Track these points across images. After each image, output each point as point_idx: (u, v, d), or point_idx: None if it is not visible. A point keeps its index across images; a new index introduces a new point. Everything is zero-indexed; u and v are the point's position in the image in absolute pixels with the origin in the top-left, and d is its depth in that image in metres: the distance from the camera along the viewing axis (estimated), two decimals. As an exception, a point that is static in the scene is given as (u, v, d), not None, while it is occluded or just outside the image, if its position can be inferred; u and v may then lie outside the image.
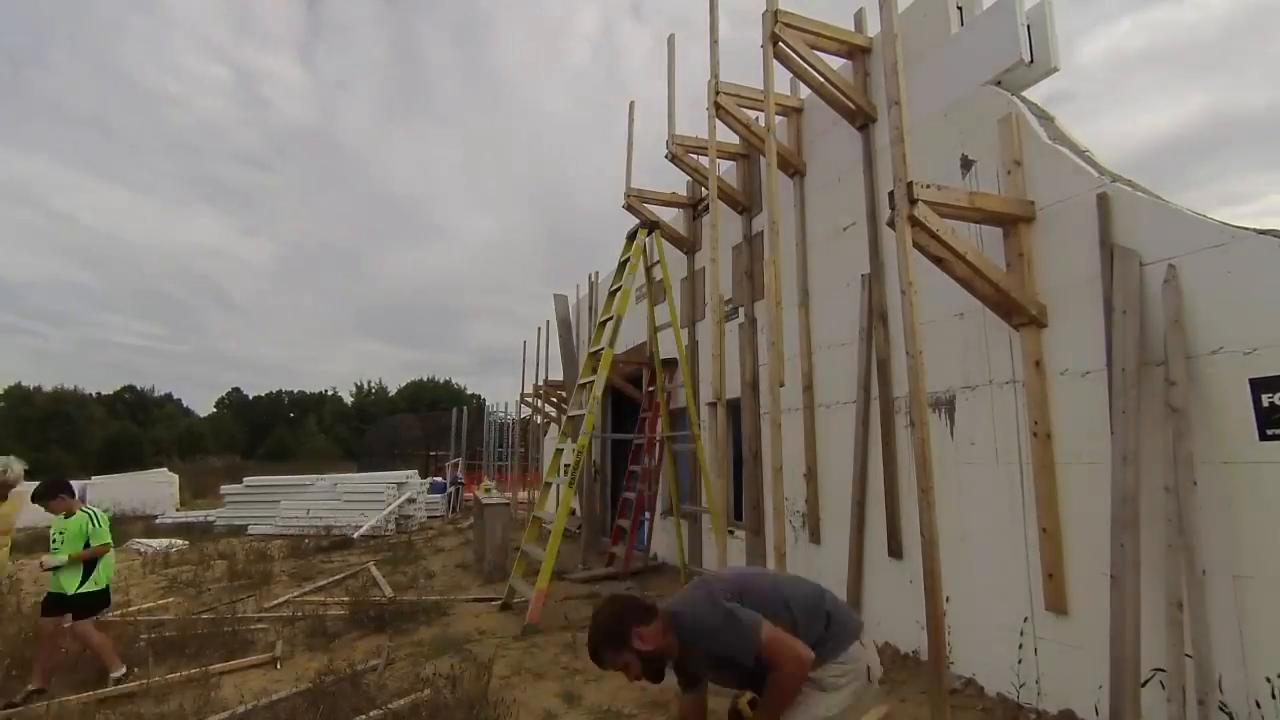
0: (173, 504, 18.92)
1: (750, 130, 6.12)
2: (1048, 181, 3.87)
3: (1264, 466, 2.86)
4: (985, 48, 4.32)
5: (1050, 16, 4.06)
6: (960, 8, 4.64)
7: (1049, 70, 4.08)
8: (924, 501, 3.49)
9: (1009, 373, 4.08)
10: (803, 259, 6.11)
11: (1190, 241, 3.19)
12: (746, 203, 7.22)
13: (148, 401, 60.12)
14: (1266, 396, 2.87)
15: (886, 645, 4.89)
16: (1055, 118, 4.08)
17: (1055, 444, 3.74)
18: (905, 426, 4.81)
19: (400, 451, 29.86)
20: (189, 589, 7.91)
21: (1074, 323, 3.69)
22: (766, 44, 5.04)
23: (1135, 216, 3.42)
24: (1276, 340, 2.86)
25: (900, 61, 3.76)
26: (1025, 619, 3.87)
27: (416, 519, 14.64)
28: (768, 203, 4.94)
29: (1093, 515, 3.47)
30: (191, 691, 4.37)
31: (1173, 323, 3.19)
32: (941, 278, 3.98)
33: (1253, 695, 2.79)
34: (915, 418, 3.58)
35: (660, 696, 4.16)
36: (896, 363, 4.95)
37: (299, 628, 5.93)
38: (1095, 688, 3.42)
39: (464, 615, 6.32)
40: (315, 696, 4.06)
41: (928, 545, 3.47)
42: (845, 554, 5.27)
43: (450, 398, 51.00)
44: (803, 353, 5.94)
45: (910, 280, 3.60)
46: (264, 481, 15.44)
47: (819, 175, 6.08)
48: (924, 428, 3.55)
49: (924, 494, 3.49)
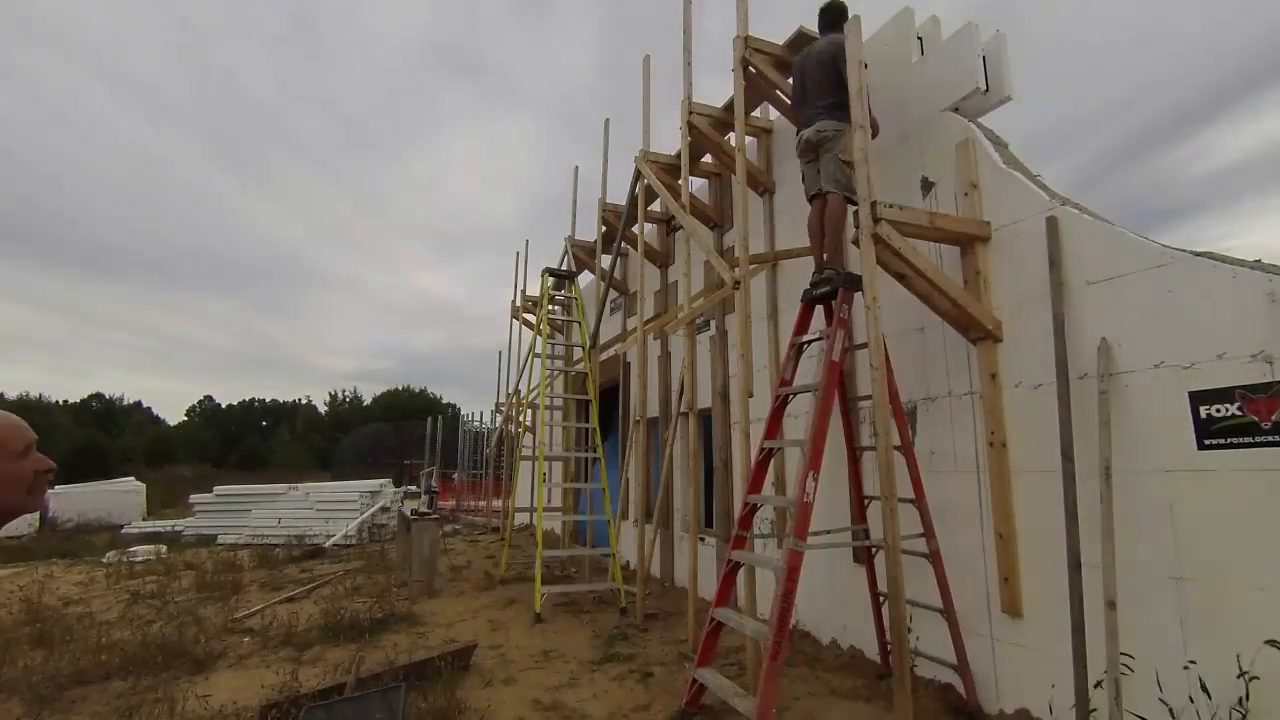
0: (139, 514, 18.54)
1: (721, 149, 6.28)
2: (1002, 203, 4.06)
3: (1202, 475, 3.03)
4: (945, 76, 4.53)
5: (1005, 48, 4.28)
6: (921, 38, 4.85)
7: (1004, 98, 4.29)
8: (886, 509, 3.65)
9: (967, 385, 4.25)
10: (772, 273, 6.27)
11: (1134, 262, 3.38)
12: (718, 219, 7.38)
13: (116, 409, 58.80)
14: (1204, 408, 3.05)
15: (852, 648, 5.02)
16: (1009, 144, 4.29)
17: (1010, 453, 3.91)
18: (871, 436, 4.96)
19: (374, 460, 29.56)
20: (153, 600, 7.80)
21: (1026, 338, 3.87)
22: (737, 68, 5.20)
23: (1082, 238, 3.61)
24: (1212, 355, 3.04)
25: (865, 89, 3.95)
26: (986, 622, 4.02)
27: (390, 528, 14.54)
28: (738, 220, 5.08)
29: (1046, 521, 3.63)
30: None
31: (1103, 341, 3.44)
32: (903, 293, 4.16)
33: (1190, 691, 2.95)
34: (879, 428, 3.74)
35: (641, 701, 4.25)
36: (860, 374, 5.11)
37: (270, 637, 5.90)
38: (1049, 686, 3.57)
39: (438, 625, 6.34)
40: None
41: (890, 551, 3.62)
42: (814, 560, 5.39)
43: (426, 407, 50.60)
44: (771, 364, 6.08)
45: (874, 296, 3.78)
46: (235, 490, 15.23)
47: (788, 194, 6.25)
48: (886, 437, 3.71)
49: (886, 501, 3.65)
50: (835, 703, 4.18)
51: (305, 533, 12.72)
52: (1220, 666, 2.87)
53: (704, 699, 4.09)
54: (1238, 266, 3.01)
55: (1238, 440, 2.91)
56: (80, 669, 4.94)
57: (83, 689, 4.70)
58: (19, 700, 4.50)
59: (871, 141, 3.95)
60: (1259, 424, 2.84)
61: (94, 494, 18.60)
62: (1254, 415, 2.86)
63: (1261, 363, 2.86)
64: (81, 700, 4.52)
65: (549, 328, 9.02)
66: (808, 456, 3.79)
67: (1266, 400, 2.82)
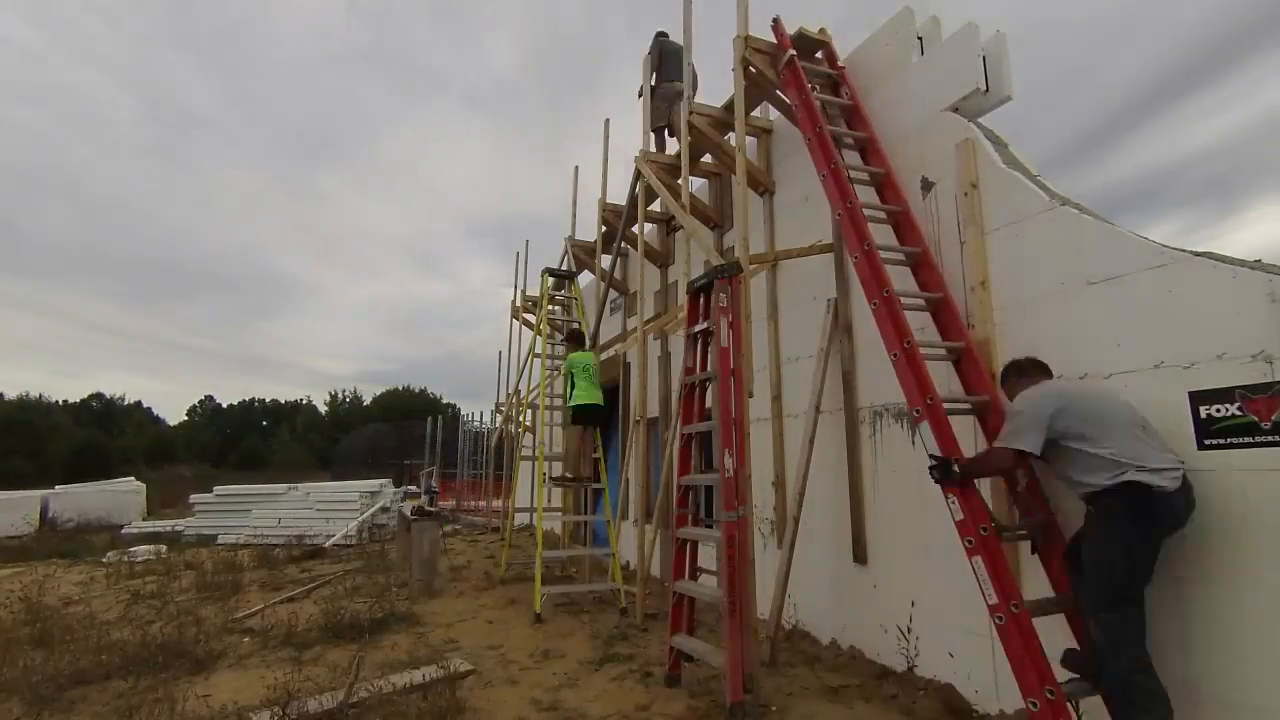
0: (140, 514, 18.55)
1: (721, 149, 6.28)
2: (1002, 203, 4.06)
3: (1202, 475, 3.02)
4: (945, 76, 4.53)
5: (1005, 48, 4.28)
6: (921, 38, 4.85)
7: (1004, 98, 4.29)
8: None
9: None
10: (772, 273, 6.27)
11: (1134, 262, 3.38)
12: (718, 219, 7.38)
13: (116, 409, 58.81)
14: (1204, 408, 3.04)
15: (851, 648, 5.02)
16: (1009, 143, 4.29)
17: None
18: (870, 436, 4.97)
19: (374, 461, 29.58)
20: (153, 600, 7.80)
21: (1030, 339, 3.85)
22: (737, 68, 5.20)
23: (1082, 238, 3.61)
24: (1212, 355, 3.03)
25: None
26: (985, 622, 4.01)
27: (390, 528, 14.53)
28: (738, 220, 5.08)
29: (1044, 522, 3.63)
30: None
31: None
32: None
33: (1190, 684, 2.95)
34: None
35: (641, 701, 4.25)
36: (861, 374, 5.12)
37: (270, 637, 5.90)
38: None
39: (438, 625, 6.34)
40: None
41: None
42: (813, 560, 5.41)
43: (426, 406, 50.61)
44: (771, 364, 6.09)
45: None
46: (235, 490, 15.22)
47: (788, 194, 6.26)
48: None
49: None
50: (835, 702, 4.18)
51: (305, 533, 12.72)
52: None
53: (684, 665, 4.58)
54: (1238, 266, 3.01)
55: (1238, 440, 2.90)
56: (80, 669, 4.94)
57: (83, 689, 4.70)
58: (19, 700, 4.50)
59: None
60: (1259, 424, 2.84)
61: (94, 494, 18.61)
62: (1254, 415, 2.86)
63: (1261, 363, 2.86)
64: (81, 700, 4.52)
65: (549, 328, 9.03)
66: (721, 437, 4.25)
67: (1266, 400, 2.82)
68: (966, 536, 3.33)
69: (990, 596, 3.16)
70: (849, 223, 4.22)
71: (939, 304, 4.18)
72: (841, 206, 4.32)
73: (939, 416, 3.56)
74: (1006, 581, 3.16)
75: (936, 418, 3.55)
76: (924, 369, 3.71)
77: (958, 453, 3.49)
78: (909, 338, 3.80)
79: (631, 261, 9.54)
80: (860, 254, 4.12)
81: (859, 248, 4.12)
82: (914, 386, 3.67)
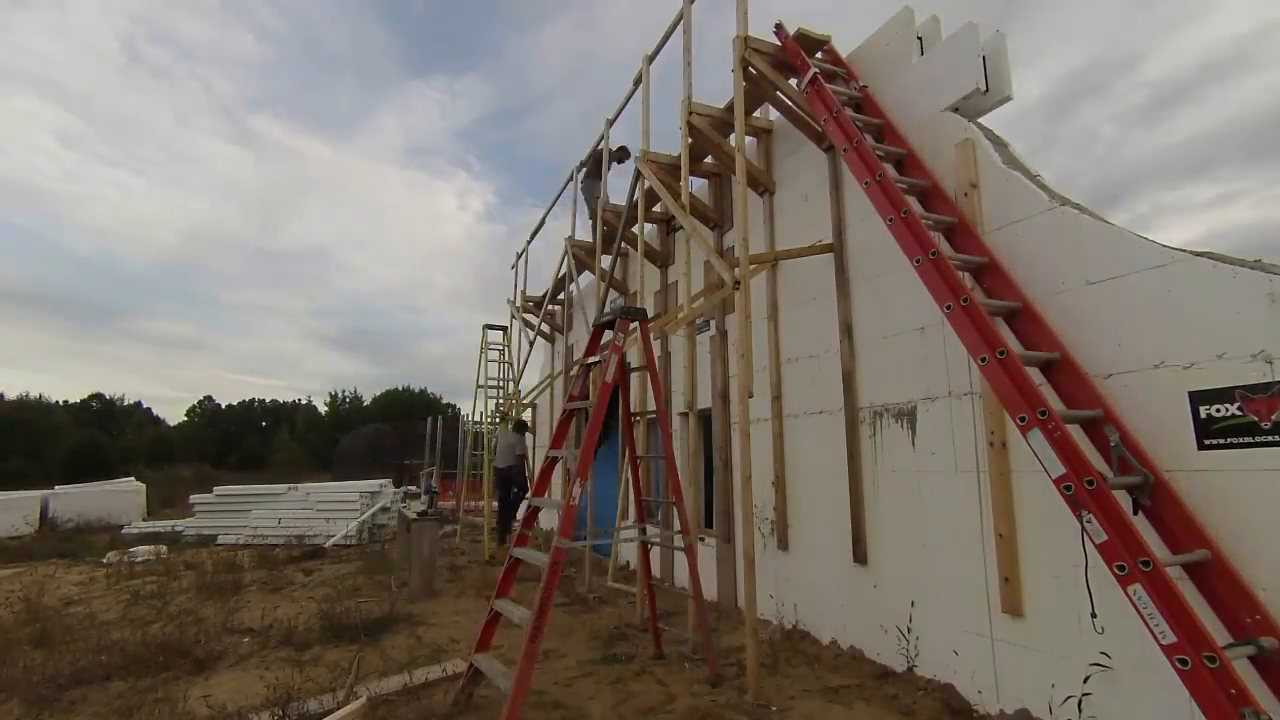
0: (140, 514, 18.52)
1: (722, 150, 6.28)
2: (1002, 203, 4.05)
3: (1202, 475, 3.02)
4: (944, 76, 4.53)
5: (1005, 48, 4.28)
6: (921, 38, 4.85)
7: (1003, 98, 4.29)
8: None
9: (967, 385, 4.25)
10: (772, 273, 6.27)
11: (1134, 262, 3.38)
12: (718, 219, 7.38)
13: (116, 410, 58.76)
14: (1204, 408, 3.05)
15: (851, 648, 5.02)
16: (1010, 144, 4.28)
17: (1010, 453, 3.91)
18: (870, 436, 4.97)
19: (374, 461, 29.55)
20: (153, 601, 7.79)
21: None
22: (737, 68, 5.20)
23: (1082, 238, 3.61)
24: (1212, 355, 3.04)
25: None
26: (985, 622, 4.02)
27: (390, 528, 14.52)
28: (738, 220, 5.08)
29: (1046, 521, 3.63)
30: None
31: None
32: (904, 293, 4.15)
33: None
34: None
35: (651, 705, 4.24)
36: (861, 374, 5.11)
37: (270, 637, 5.90)
38: (1048, 686, 3.57)
39: (438, 625, 6.33)
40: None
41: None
42: (813, 560, 5.41)
43: (426, 407, 50.53)
44: (771, 364, 6.08)
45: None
46: (235, 490, 15.20)
47: (788, 194, 6.26)
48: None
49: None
50: (835, 702, 4.18)
51: (305, 533, 12.70)
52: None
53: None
54: (1238, 266, 3.01)
55: (1238, 440, 2.91)
56: (80, 669, 4.93)
57: (83, 689, 4.69)
58: (19, 700, 4.50)
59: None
60: (1259, 424, 2.84)
61: (94, 494, 18.56)
62: (1254, 415, 2.86)
63: (1261, 363, 2.86)
64: (81, 700, 4.52)
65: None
66: (575, 469, 4.28)
67: (1266, 400, 2.82)
68: (1117, 563, 2.76)
69: (1164, 636, 2.58)
70: (904, 229, 4.00)
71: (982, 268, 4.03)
72: (894, 213, 4.07)
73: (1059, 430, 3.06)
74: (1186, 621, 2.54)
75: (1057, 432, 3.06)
76: (1024, 374, 3.27)
77: (1086, 467, 2.91)
78: (1003, 346, 3.38)
79: (631, 261, 9.55)
80: (924, 258, 3.84)
81: (922, 253, 3.86)
82: (1016, 395, 3.23)
